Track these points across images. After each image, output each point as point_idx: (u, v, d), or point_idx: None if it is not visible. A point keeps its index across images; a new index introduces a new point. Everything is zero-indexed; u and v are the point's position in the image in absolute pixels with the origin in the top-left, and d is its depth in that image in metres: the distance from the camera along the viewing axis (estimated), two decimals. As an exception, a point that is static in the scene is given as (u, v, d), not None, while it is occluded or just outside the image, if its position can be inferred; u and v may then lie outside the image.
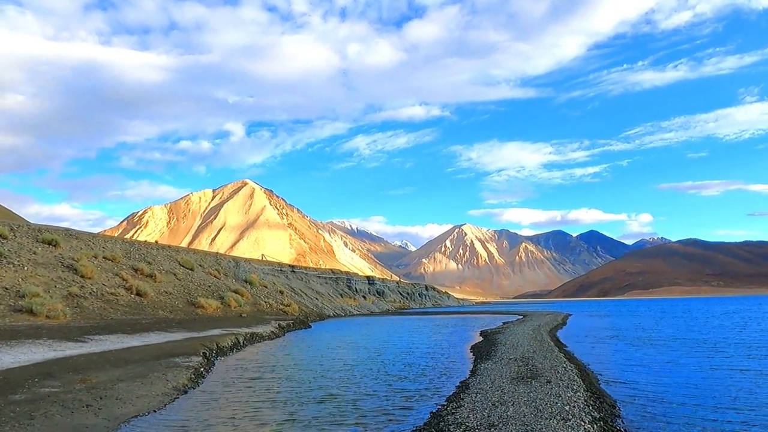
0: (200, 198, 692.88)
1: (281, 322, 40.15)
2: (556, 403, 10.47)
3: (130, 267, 42.84)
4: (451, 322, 53.47)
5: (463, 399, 11.43)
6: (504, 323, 47.26)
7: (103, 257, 41.98)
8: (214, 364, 19.24)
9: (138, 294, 36.79)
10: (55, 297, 29.44)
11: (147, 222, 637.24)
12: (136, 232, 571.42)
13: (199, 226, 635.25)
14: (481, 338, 30.55)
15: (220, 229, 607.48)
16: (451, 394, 12.60)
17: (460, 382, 14.27)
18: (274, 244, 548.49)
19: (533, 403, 10.50)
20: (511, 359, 18.30)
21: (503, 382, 13.20)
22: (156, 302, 37.36)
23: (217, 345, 23.12)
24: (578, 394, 11.46)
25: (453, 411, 10.33)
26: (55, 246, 39.15)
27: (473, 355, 21.56)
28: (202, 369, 16.59)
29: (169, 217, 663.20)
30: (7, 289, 27.80)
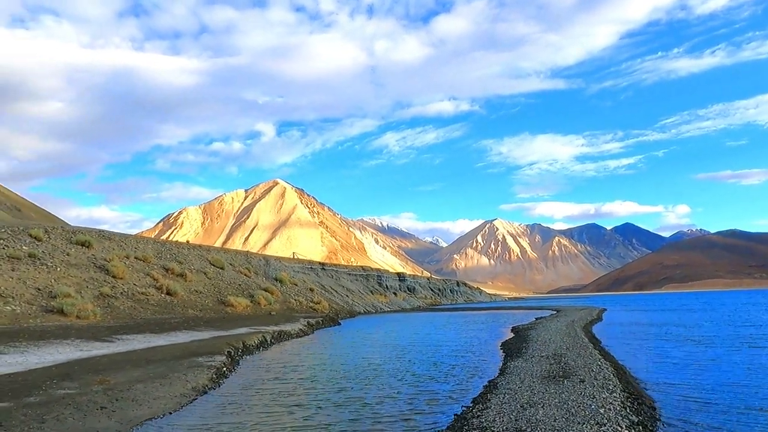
0: (233, 198, 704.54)
1: (310, 320, 39.98)
2: (590, 405, 9.73)
3: (161, 267, 43.32)
4: (482, 318, 52.55)
5: (490, 400, 10.79)
6: (536, 319, 46.15)
7: (135, 257, 42.54)
8: (238, 364, 19.02)
9: (168, 293, 37.10)
10: (86, 297, 29.85)
11: (182, 223, 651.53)
12: (172, 232, 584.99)
13: (232, 225, 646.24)
14: (512, 335, 29.71)
15: (253, 229, 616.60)
16: (477, 395, 11.97)
17: (489, 382, 13.62)
18: (305, 243, 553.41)
19: (565, 405, 9.78)
20: (542, 357, 17.52)
21: (533, 382, 12.50)
22: (186, 301, 37.64)
23: (243, 344, 22.96)
24: (614, 395, 10.67)
25: (478, 413, 9.71)
26: (88, 247, 39.81)
27: (503, 352, 20.82)
28: (224, 369, 16.35)
29: (204, 218, 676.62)
30: (39, 290, 28.26)
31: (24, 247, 33.92)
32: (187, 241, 71.12)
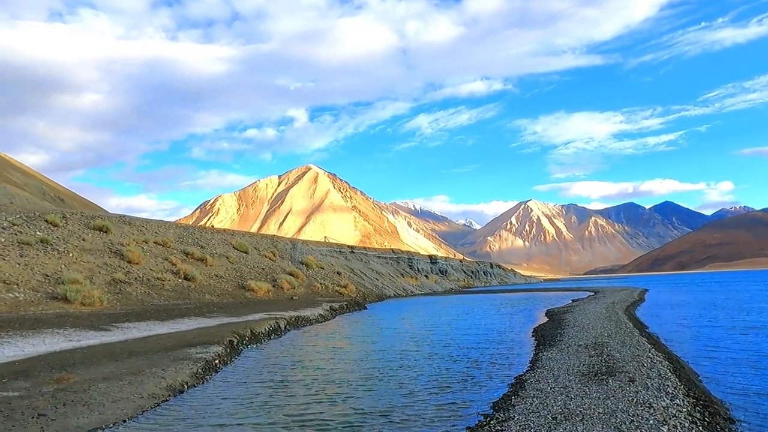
0: (267, 184, 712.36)
1: (333, 305, 38.24)
2: (648, 419, 7.35)
3: (181, 251, 42.23)
4: (515, 300, 49.98)
5: (514, 407, 8.57)
6: (573, 301, 43.37)
7: (154, 242, 41.53)
8: (239, 354, 17.28)
9: (186, 278, 35.88)
10: (97, 283, 28.72)
11: (218, 210, 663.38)
12: (208, 219, 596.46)
13: (267, 211, 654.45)
14: (545, 319, 27.23)
15: (287, 214, 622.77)
16: (499, 397, 9.73)
17: (516, 379, 11.36)
18: (339, 227, 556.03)
19: (612, 419, 7.42)
20: (580, 346, 15.15)
21: (570, 380, 10.21)
22: (204, 286, 36.37)
23: (251, 331, 21.25)
24: (677, 401, 8.25)
25: (497, 427, 7.52)
26: (105, 232, 38.90)
27: (535, 340, 18.47)
28: (217, 361, 14.56)
29: (239, 204, 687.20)
30: (47, 276, 27.19)
31: (38, 233, 33.05)
32: (212, 226, 70.38)
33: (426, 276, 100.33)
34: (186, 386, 11.63)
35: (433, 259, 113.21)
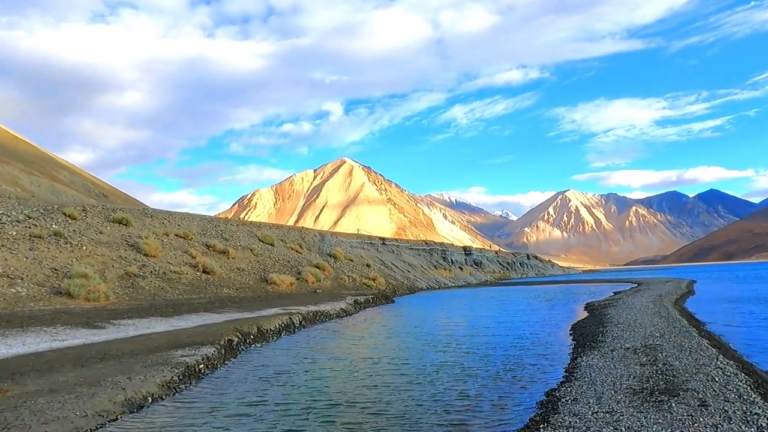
0: (302, 178, 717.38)
1: (358, 298, 36.37)
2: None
3: (202, 244, 41.06)
4: (552, 292, 47.05)
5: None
6: (615, 293, 40.27)
7: (175, 235, 40.46)
8: (236, 356, 15.48)
9: (204, 271, 34.57)
10: (109, 277, 27.59)
11: (255, 204, 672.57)
12: (246, 214, 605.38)
13: (303, 205, 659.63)
14: (585, 314, 24.59)
15: (323, 208, 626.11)
16: (521, 427, 7.44)
17: (547, 395, 9.03)
18: (374, 220, 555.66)
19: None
20: (627, 349, 12.71)
21: (618, 400, 7.89)
22: (223, 279, 35.00)
23: (258, 328, 19.49)
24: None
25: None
26: (126, 225, 38.01)
27: (573, 340, 16.00)
28: (202, 366, 12.74)
29: (276, 198, 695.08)
30: (56, 270, 26.11)
31: (53, 226, 32.21)
32: (239, 218, 69.59)
33: (460, 268, 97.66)
34: (150, 399, 9.80)
35: (467, 250, 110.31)
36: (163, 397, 10.13)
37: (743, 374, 9.18)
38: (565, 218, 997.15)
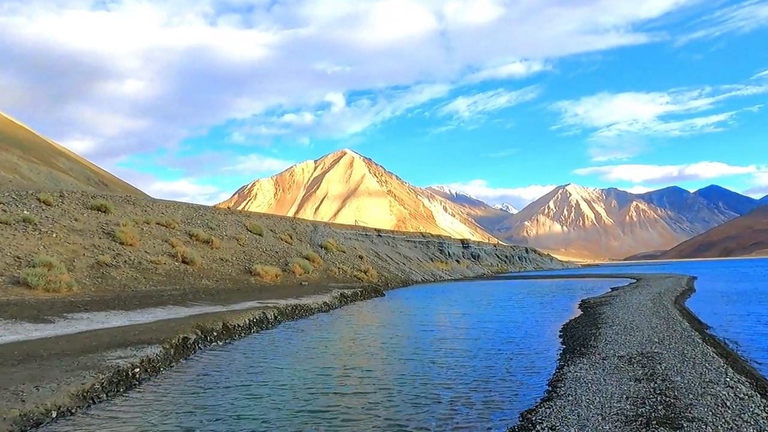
0: (303, 169, 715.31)
1: (345, 291, 34.87)
2: None
3: (185, 233, 39.52)
4: (548, 287, 45.57)
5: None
6: (612, 289, 38.80)
7: (156, 223, 38.94)
8: (189, 356, 14.00)
9: (184, 261, 33.06)
10: (78, 266, 26.08)
11: (256, 194, 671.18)
12: (246, 204, 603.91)
13: (303, 196, 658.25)
14: (579, 312, 23.09)
15: (323, 199, 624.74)
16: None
17: (522, 418, 7.49)
18: (374, 212, 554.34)
19: None
20: (621, 358, 11.21)
21: (605, 430, 6.38)
22: (203, 270, 33.49)
23: (224, 324, 17.98)
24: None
25: None
26: (104, 212, 36.47)
27: (562, 343, 14.46)
28: (138, 370, 11.20)
29: (276, 189, 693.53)
30: (19, 258, 24.60)
31: (24, 212, 30.69)
32: (227, 207, 68.11)
33: (457, 261, 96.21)
34: (55, 413, 8.29)
35: (465, 243, 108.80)
36: (74, 410, 8.63)
37: (759, 396, 7.62)
38: (566, 212, 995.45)
